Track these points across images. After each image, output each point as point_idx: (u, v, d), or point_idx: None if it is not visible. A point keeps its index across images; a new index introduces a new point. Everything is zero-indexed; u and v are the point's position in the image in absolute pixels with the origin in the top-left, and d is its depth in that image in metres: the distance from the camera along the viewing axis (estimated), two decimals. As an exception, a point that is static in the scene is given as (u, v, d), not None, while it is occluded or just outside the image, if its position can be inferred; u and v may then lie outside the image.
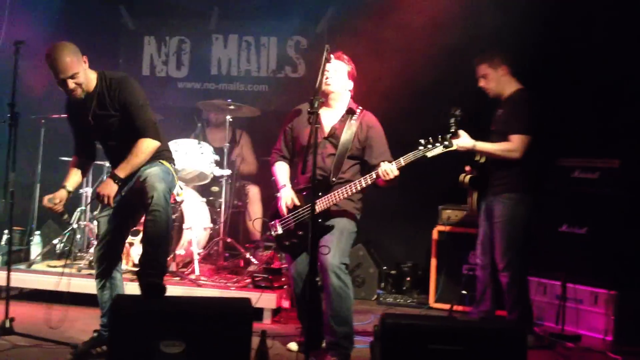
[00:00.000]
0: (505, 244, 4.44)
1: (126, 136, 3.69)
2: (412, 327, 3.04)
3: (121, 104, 3.67)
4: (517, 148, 4.39)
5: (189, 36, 7.14)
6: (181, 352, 3.03)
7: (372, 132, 3.96)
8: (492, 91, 4.62)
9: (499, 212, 4.47)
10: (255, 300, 4.48)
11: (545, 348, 4.48)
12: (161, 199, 3.51)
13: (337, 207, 3.91)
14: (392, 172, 3.68)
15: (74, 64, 3.58)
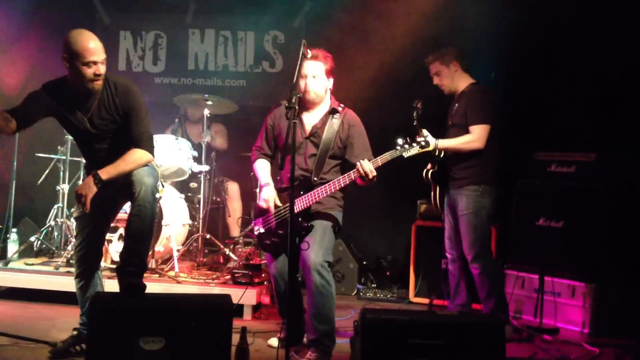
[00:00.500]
0: (472, 236, 4.48)
1: (118, 142, 3.61)
2: (392, 322, 3.05)
3: (124, 110, 3.58)
4: (478, 138, 4.45)
5: (166, 31, 7.08)
6: (161, 349, 3.01)
7: (353, 131, 3.96)
8: (446, 88, 4.68)
9: (463, 205, 4.51)
10: (235, 296, 4.46)
11: (523, 341, 4.52)
12: (148, 194, 3.46)
13: (321, 205, 3.90)
14: (371, 172, 3.68)
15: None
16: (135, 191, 3.45)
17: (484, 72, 5.57)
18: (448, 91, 4.69)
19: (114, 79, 3.64)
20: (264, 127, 4.14)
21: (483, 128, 4.45)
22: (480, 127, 4.45)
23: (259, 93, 6.78)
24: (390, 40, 6.17)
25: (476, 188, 4.49)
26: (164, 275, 5.12)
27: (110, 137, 3.65)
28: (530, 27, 5.64)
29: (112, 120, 3.61)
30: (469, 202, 4.49)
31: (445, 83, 4.66)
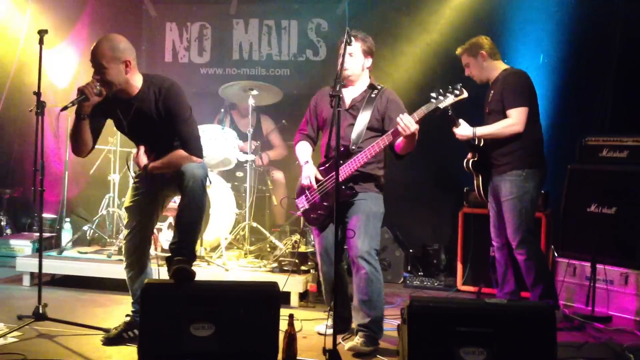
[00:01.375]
0: (516, 221, 4.43)
1: (162, 142, 3.68)
2: (440, 310, 3.04)
3: (166, 112, 3.62)
4: (518, 121, 4.40)
5: (210, 21, 7.14)
6: (210, 335, 3.07)
7: (391, 105, 3.96)
8: (477, 78, 4.67)
9: (506, 190, 4.46)
10: (282, 284, 4.49)
11: (575, 329, 4.44)
12: (198, 186, 3.51)
13: (360, 188, 3.91)
14: (412, 125, 3.64)
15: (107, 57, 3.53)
16: (185, 183, 3.49)
17: (532, 56, 5.49)
18: (479, 81, 4.67)
19: (156, 81, 3.67)
20: (307, 111, 4.22)
21: (521, 111, 4.40)
22: (518, 110, 4.40)
23: (303, 81, 6.78)
24: (434, 25, 6.10)
25: (519, 173, 4.44)
26: (212, 263, 5.19)
27: (155, 139, 3.71)
28: (579, 8, 5.50)
29: (152, 122, 3.65)
30: (512, 187, 4.44)
31: (475, 73, 4.67)
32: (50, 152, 6.54)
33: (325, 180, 3.96)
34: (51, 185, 6.22)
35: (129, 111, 3.67)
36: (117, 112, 3.71)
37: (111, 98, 3.65)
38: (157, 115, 3.63)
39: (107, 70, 3.53)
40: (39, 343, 3.76)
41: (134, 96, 3.64)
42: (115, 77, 3.56)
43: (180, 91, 3.69)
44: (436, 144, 4.92)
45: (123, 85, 3.60)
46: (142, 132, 3.73)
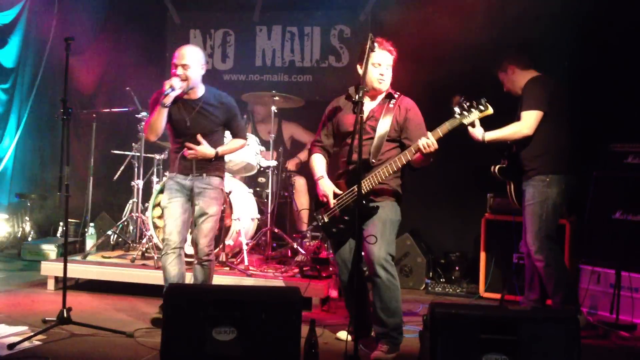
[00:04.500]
0: (535, 227, 4.41)
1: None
2: (463, 317, 3.01)
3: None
4: (525, 124, 4.41)
5: (233, 28, 7.20)
6: (232, 339, 3.08)
7: (410, 114, 3.93)
8: (512, 91, 4.72)
9: (529, 195, 4.47)
10: (303, 289, 4.50)
11: (599, 337, 4.39)
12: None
13: (378, 197, 3.89)
14: (433, 144, 3.63)
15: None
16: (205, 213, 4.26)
17: (556, 62, 5.44)
18: (515, 94, 4.70)
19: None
20: (322, 119, 4.17)
21: (531, 114, 4.42)
22: (528, 114, 4.43)
23: (326, 88, 6.79)
24: (457, 32, 6.08)
25: (543, 178, 4.43)
26: (234, 269, 5.22)
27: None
28: (604, 14, 5.45)
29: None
30: (534, 193, 4.44)
31: (510, 87, 4.73)
32: (76, 158, 6.62)
33: (345, 194, 3.92)
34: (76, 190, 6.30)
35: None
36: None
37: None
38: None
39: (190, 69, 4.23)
40: (63, 346, 3.80)
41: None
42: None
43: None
44: (458, 150, 4.88)
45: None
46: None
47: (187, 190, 4.32)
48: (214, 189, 4.34)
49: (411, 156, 3.73)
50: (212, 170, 4.35)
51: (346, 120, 3.99)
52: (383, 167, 3.78)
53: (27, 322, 4.17)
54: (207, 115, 4.30)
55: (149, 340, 3.90)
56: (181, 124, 4.27)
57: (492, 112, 3.68)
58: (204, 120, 4.29)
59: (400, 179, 4.00)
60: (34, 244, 6.48)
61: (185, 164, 4.30)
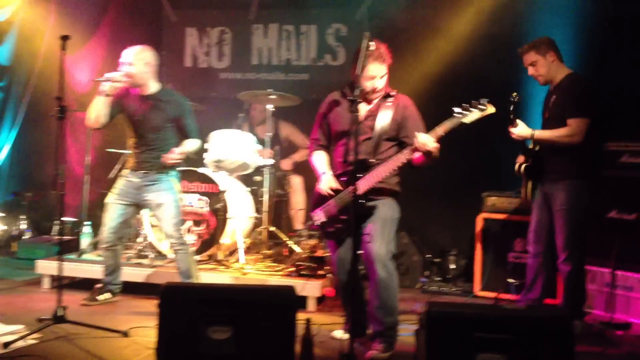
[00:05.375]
0: (569, 232, 4.34)
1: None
2: (458, 315, 3.02)
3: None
4: (577, 132, 4.29)
5: (230, 26, 7.19)
6: (228, 338, 3.08)
7: (408, 112, 3.93)
8: (543, 78, 4.51)
9: (561, 199, 4.35)
10: (299, 288, 4.50)
11: (594, 336, 4.40)
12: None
13: (376, 195, 3.88)
14: (430, 143, 3.63)
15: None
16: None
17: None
18: (544, 81, 4.53)
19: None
20: (318, 117, 4.16)
21: (582, 122, 4.29)
22: (579, 121, 4.28)
23: (322, 86, 6.72)
24: (454, 31, 6.10)
25: (576, 183, 4.34)
26: (230, 267, 5.22)
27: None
28: (601, 14, 5.46)
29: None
30: (569, 197, 4.34)
31: (542, 73, 4.49)
32: (71, 156, 6.61)
33: (344, 192, 3.89)
34: (72, 188, 6.29)
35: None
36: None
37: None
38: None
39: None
40: (58, 345, 3.80)
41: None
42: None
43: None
44: (455, 148, 4.89)
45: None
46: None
47: (135, 189, 4.61)
48: (163, 181, 4.63)
49: (409, 155, 3.73)
50: (160, 168, 4.63)
51: (342, 119, 3.97)
52: (381, 168, 3.78)
53: (22, 321, 4.16)
54: (158, 110, 4.59)
55: (145, 339, 3.90)
56: (134, 118, 4.61)
57: (494, 111, 3.64)
58: (156, 115, 4.59)
59: (397, 176, 4.00)
60: (30, 242, 6.47)
61: (138, 160, 4.63)
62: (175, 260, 4.71)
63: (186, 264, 4.64)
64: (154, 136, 4.63)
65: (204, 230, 5.39)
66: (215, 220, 5.37)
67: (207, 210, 5.40)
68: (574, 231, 4.35)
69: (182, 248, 4.65)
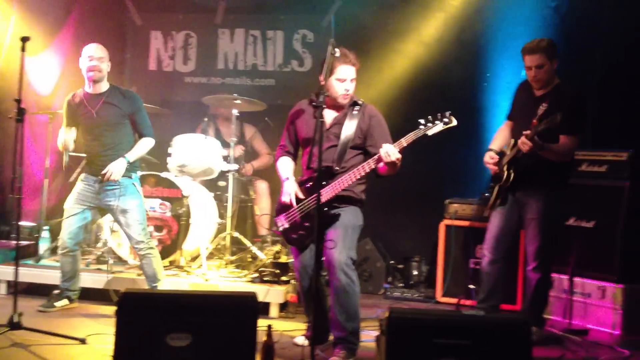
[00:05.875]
0: (541, 242, 4.34)
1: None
2: (418, 321, 3.03)
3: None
4: (574, 149, 4.33)
5: (195, 30, 7.13)
6: (187, 345, 3.04)
7: (373, 121, 3.96)
8: (543, 83, 4.35)
9: (538, 208, 4.33)
10: (262, 294, 4.49)
11: (552, 342, 4.46)
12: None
13: (340, 202, 3.90)
14: (394, 154, 3.66)
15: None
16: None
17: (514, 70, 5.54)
18: (540, 87, 4.37)
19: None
20: (286, 126, 4.19)
21: (579, 140, 4.27)
22: (576, 139, 4.26)
23: (288, 92, 6.77)
24: (421, 37, 6.16)
25: (554, 193, 4.35)
26: (192, 273, 5.17)
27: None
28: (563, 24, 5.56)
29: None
30: (545, 207, 4.33)
31: (545, 78, 4.32)
32: (30, 160, 6.49)
33: (307, 200, 3.92)
34: (31, 193, 6.17)
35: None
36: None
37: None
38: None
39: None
40: (13, 352, 3.72)
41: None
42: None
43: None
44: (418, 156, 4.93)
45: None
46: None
47: (96, 193, 4.57)
48: (126, 186, 4.58)
49: (374, 164, 3.76)
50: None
51: (308, 126, 4.00)
52: (345, 177, 3.80)
53: (-24, 328, 4.06)
54: (112, 106, 4.59)
55: (102, 347, 3.83)
56: (88, 116, 4.57)
57: (455, 124, 3.70)
58: (110, 111, 4.58)
59: (363, 184, 4.02)
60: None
61: (97, 164, 4.59)
62: (140, 265, 4.67)
63: (153, 269, 4.62)
64: (110, 134, 4.59)
65: (165, 236, 5.33)
66: (177, 226, 5.32)
67: (169, 216, 5.35)
68: (546, 241, 4.35)
69: (150, 252, 4.62)
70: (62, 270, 4.75)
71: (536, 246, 4.37)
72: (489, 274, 4.53)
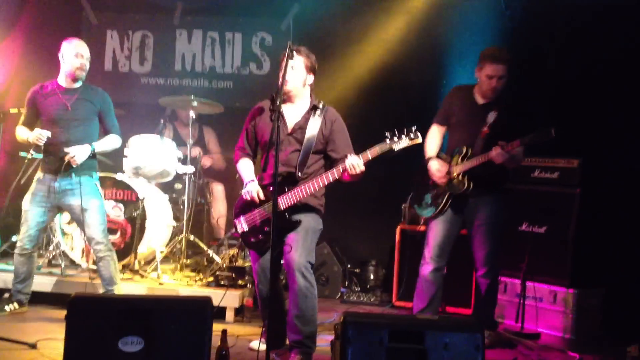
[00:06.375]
0: (491, 247, 4.36)
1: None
2: (372, 325, 3.04)
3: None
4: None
5: (153, 31, 7.06)
6: (139, 350, 2.99)
7: (335, 126, 3.96)
8: (497, 94, 4.33)
9: (487, 213, 4.34)
10: (218, 298, 4.45)
11: (505, 346, 4.53)
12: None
13: (301, 207, 3.89)
14: (359, 166, 3.68)
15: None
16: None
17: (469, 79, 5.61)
18: (492, 98, 4.34)
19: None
20: (245, 127, 4.14)
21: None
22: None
23: (246, 95, 6.76)
24: (377, 43, 6.21)
25: (501, 197, 4.39)
26: (146, 277, 5.10)
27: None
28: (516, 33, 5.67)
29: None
30: (496, 212, 4.36)
31: (500, 90, 4.31)
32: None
33: (268, 204, 3.87)
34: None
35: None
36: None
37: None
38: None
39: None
40: (-42, 358, 3.61)
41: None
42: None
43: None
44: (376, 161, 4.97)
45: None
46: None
47: (54, 193, 4.47)
48: (86, 185, 4.50)
49: (338, 175, 3.76)
50: (81, 170, 4.50)
51: (267, 129, 3.96)
52: (307, 185, 3.80)
53: None
54: (85, 101, 4.59)
55: (53, 352, 3.74)
56: (61, 108, 4.53)
57: (420, 140, 3.73)
58: (84, 106, 4.59)
59: (323, 190, 4.02)
60: None
61: (54, 161, 4.48)
62: (97, 268, 4.57)
63: (110, 272, 4.53)
64: (80, 129, 4.54)
65: (119, 239, 5.23)
66: (131, 229, 5.23)
67: (123, 219, 5.26)
68: (496, 245, 4.39)
69: (108, 254, 4.54)
70: (17, 272, 4.62)
71: (486, 252, 4.39)
72: (431, 283, 4.43)
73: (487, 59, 4.29)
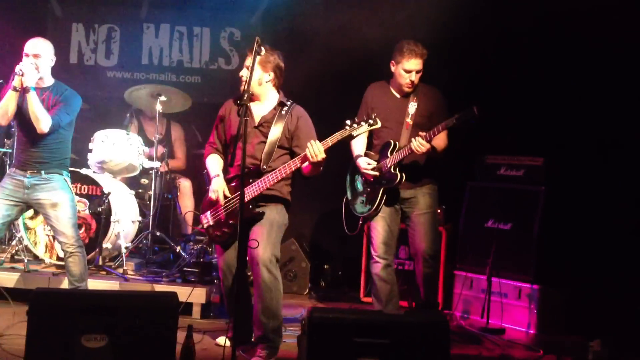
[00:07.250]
0: (433, 235, 4.43)
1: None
2: (338, 321, 3.06)
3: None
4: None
5: (119, 24, 6.94)
6: (103, 346, 2.96)
7: (301, 122, 3.98)
8: (413, 88, 4.40)
9: (426, 203, 4.40)
10: (184, 294, 4.42)
11: (470, 341, 4.58)
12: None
13: (267, 200, 3.90)
14: (320, 153, 3.68)
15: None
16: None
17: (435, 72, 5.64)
18: (409, 90, 4.40)
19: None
20: (216, 122, 4.16)
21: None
22: (448, 131, 4.29)
23: (214, 90, 6.72)
24: (344, 39, 6.20)
25: (435, 187, 4.46)
26: (111, 273, 5.03)
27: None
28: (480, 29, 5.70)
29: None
30: (431, 201, 4.42)
31: (417, 82, 4.37)
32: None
33: (233, 197, 3.91)
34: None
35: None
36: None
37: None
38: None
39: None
40: None
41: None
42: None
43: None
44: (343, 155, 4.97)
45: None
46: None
47: (25, 188, 4.33)
48: (57, 180, 4.39)
49: (300, 163, 3.77)
50: (51, 167, 4.38)
51: (235, 124, 3.99)
52: (271, 176, 3.81)
53: None
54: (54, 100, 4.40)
55: (15, 348, 3.66)
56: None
57: (379, 125, 3.79)
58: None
59: (290, 186, 4.04)
60: None
61: (25, 157, 4.36)
62: (66, 264, 4.39)
63: (80, 268, 4.38)
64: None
65: (83, 234, 5.13)
66: (95, 224, 5.16)
67: (87, 213, 5.18)
68: (436, 233, 4.49)
69: (78, 250, 4.38)
70: None
71: (429, 240, 4.40)
72: (384, 281, 4.42)
73: (405, 53, 4.31)
